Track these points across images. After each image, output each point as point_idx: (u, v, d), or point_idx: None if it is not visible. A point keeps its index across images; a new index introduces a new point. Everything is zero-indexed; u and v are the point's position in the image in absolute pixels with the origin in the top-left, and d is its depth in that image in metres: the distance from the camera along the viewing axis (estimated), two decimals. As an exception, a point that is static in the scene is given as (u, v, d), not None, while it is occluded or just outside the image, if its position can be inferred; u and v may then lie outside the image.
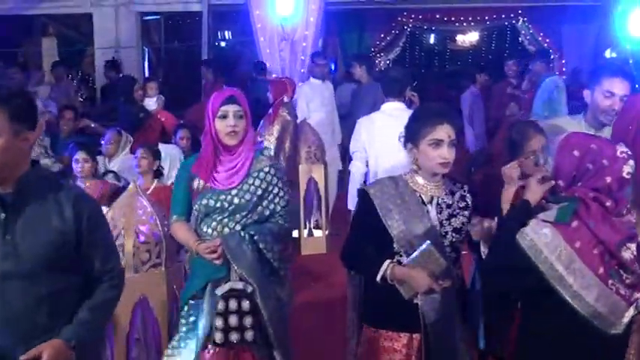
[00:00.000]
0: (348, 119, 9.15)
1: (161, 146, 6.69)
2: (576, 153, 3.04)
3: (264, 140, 8.25)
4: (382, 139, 5.38)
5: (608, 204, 2.98)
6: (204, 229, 3.88)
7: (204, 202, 3.83)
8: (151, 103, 9.54)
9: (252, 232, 3.80)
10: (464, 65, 10.54)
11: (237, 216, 3.83)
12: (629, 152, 3.04)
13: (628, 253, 2.96)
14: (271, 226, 3.88)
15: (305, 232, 8.68)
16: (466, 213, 3.47)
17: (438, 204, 3.44)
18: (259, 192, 3.83)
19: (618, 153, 3.01)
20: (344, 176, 9.07)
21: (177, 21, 15.30)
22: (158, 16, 13.96)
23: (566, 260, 2.91)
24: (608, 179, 2.99)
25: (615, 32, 9.38)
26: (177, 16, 14.33)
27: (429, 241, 3.28)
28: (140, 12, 12.50)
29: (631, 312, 2.97)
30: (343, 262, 3.59)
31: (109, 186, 5.94)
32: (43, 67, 13.01)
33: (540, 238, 2.93)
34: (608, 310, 2.93)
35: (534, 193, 3.11)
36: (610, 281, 2.93)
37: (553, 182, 3.07)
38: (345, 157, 9.29)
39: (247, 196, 3.81)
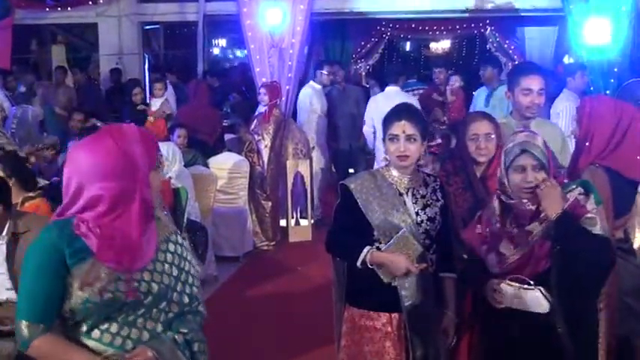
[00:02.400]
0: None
1: (161, 144, 6.70)
2: None
3: (261, 139, 8.33)
4: (381, 112, 5.79)
5: None
6: (102, 339, 2.40)
7: (108, 295, 2.36)
8: (157, 104, 9.59)
9: (184, 331, 2.51)
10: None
11: (155, 310, 2.48)
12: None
13: None
14: (199, 319, 2.61)
15: (292, 222, 8.76)
16: (438, 204, 3.47)
17: (413, 194, 3.45)
18: (175, 271, 2.53)
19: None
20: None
21: (175, 30, 15.33)
22: (158, 26, 13.99)
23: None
24: None
25: (570, 40, 9.43)
26: (175, 25, 14.36)
27: (404, 229, 3.32)
28: (141, 22, 12.52)
29: None
30: (327, 249, 3.61)
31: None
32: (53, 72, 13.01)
33: None
34: None
35: (554, 204, 2.98)
36: None
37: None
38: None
39: (166, 280, 2.49)
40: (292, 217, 8.77)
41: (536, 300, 3.03)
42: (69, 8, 12.24)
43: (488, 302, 3.15)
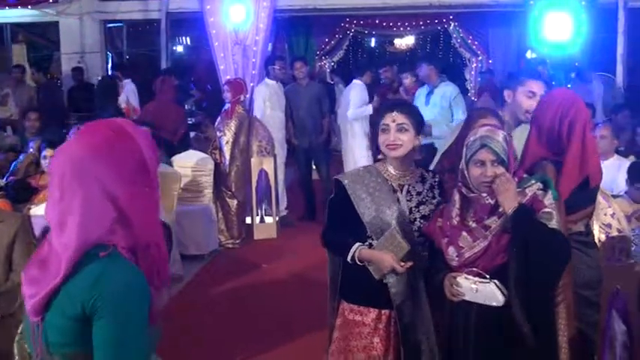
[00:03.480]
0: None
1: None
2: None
3: (223, 135, 8.29)
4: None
5: None
6: None
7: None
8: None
9: None
10: (401, 66, 10.69)
11: None
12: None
13: None
14: None
15: (257, 219, 8.74)
16: (434, 202, 3.43)
17: (408, 191, 3.42)
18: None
19: None
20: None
21: (138, 28, 15.20)
22: (120, 24, 13.87)
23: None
24: None
25: (531, 36, 9.54)
26: (138, 23, 14.24)
27: (392, 226, 3.30)
28: (103, 20, 12.41)
29: None
30: (322, 244, 3.57)
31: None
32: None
33: None
34: None
35: (510, 199, 3.05)
36: None
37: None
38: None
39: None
40: (257, 215, 8.75)
41: (492, 293, 3.05)
42: (29, 6, 12.07)
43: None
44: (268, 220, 8.77)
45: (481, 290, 3.07)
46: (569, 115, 3.65)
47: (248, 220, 8.71)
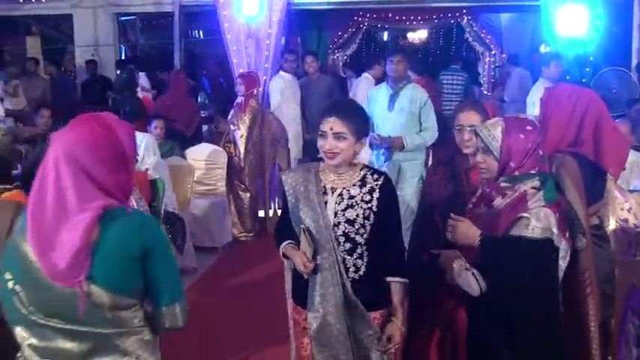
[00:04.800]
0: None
1: (137, 134, 6.64)
2: (522, 135, 3.09)
3: (237, 129, 8.29)
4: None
5: None
6: None
7: None
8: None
9: None
10: (414, 60, 10.65)
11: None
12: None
13: None
14: None
15: (271, 212, 8.76)
16: (366, 206, 3.27)
17: (340, 194, 3.30)
18: None
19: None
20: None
21: (152, 21, 15.24)
22: (134, 17, 13.91)
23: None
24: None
25: (544, 31, 9.46)
26: (152, 16, 14.27)
27: (302, 226, 3.27)
28: (117, 13, 12.46)
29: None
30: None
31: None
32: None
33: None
34: None
35: (469, 237, 3.11)
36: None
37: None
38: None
39: None
40: (270, 208, 8.77)
41: (468, 282, 3.04)
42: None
43: None
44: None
45: (462, 277, 3.07)
46: (581, 108, 3.64)
47: (261, 213, 8.73)
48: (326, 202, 3.29)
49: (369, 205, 3.27)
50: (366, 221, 3.26)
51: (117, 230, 2.27)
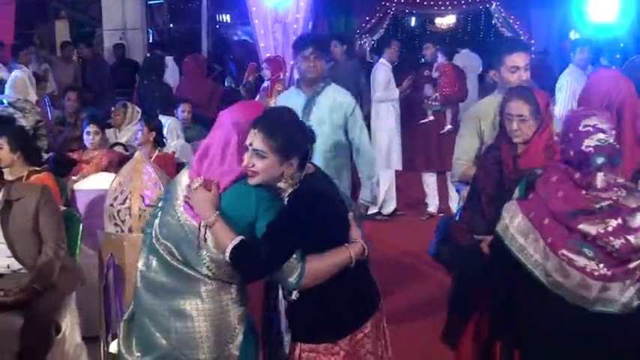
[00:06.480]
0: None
1: (162, 118, 6.65)
2: (564, 127, 3.02)
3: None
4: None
5: (576, 176, 2.87)
6: None
7: None
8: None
9: None
10: (442, 46, 10.48)
11: None
12: (598, 126, 2.87)
13: (593, 227, 2.77)
14: None
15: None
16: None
17: None
18: None
19: (581, 127, 2.89)
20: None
21: (180, 5, 15.27)
22: (161, 1, 13.95)
23: (524, 231, 2.90)
24: (572, 152, 2.91)
25: (575, 17, 9.36)
26: (179, 0, 14.31)
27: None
28: (145, -3, 12.51)
29: (631, 291, 2.80)
30: None
31: (116, 155, 5.96)
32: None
33: (506, 218, 2.99)
34: (570, 282, 2.79)
35: None
36: (561, 251, 2.79)
37: None
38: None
39: None
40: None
41: None
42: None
43: None
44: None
45: None
46: (618, 98, 3.58)
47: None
48: None
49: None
50: None
51: (234, 194, 2.78)
